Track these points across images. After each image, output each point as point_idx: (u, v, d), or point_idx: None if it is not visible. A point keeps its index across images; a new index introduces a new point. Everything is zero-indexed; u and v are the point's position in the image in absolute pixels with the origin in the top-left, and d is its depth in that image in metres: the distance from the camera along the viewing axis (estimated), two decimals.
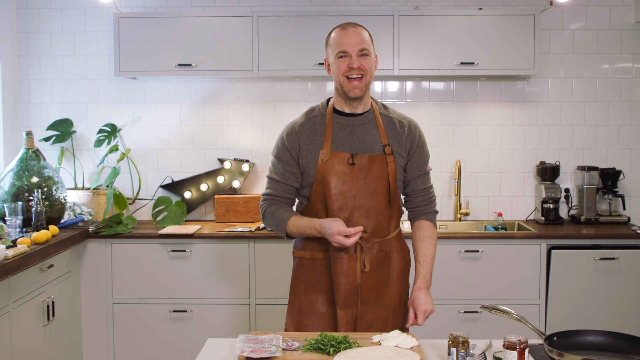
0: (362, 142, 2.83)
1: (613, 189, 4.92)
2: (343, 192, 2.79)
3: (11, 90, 5.04)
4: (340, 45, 2.77)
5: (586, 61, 5.05)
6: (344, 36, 2.76)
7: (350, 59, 2.75)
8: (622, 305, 4.48)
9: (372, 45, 2.83)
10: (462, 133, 5.10)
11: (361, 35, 2.77)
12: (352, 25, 2.80)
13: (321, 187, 2.81)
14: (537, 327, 4.48)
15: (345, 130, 2.85)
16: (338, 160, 2.79)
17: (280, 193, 2.92)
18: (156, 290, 4.58)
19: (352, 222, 2.79)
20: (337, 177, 2.79)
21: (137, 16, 4.74)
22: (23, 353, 3.77)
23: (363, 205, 2.81)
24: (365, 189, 2.80)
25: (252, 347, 2.22)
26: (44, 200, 4.32)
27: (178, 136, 5.16)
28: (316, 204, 2.86)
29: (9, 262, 3.48)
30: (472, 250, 4.50)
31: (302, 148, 2.85)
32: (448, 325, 4.50)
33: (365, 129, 2.85)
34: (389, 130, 2.88)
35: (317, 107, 2.96)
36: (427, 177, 2.99)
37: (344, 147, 2.82)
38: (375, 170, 2.80)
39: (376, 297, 2.86)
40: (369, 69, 2.79)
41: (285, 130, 2.92)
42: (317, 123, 2.88)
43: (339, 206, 2.80)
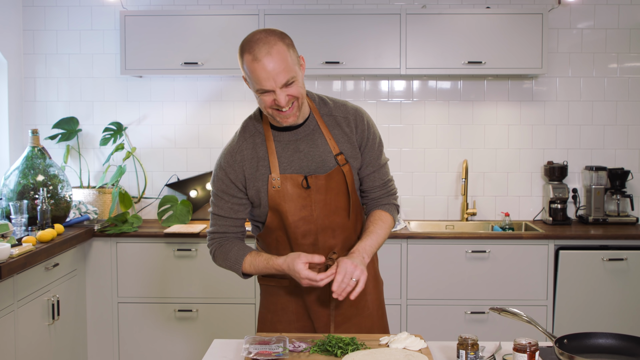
0: (312, 159, 2.50)
1: (621, 189, 4.89)
2: (304, 217, 2.50)
3: (17, 88, 5.03)
4: (259, 83, 2.31)
5: (594, 60, 5.02)
6: (260, 71, 2.29)
7: (275, 94, 2.33)
8: (630, 307, 4.45)
9: (294, 59, 2.35)
10: (469, 132, 5.07)
11: (279, 63, 2.29)
12: (265, 50, 2.28)
13: (277, 214, 2.52)
14: (545, 329, 4.45)
15: (289, 148, 2.50)
16: (291, 184, 2.48)
17: (230, 229, 2.60)
18: (161, 289, 4.56)
19: (318, 246, 2.54)
20: (293, 203, 2.49)
21: (143, 14, 4.72)
22: (28, 352, 3.76)
23: (327, 225, 2.54)
24: (326, 209, 2.52)
25: (259, 348, 2.20)
26: (49, 199, 4.30)
27: (184, 135, 5.14)
28: (275, 232, 2.57)
29: (14, 260, 3.46)
30: (480, 250, 4.47)
31: (248, 178, 2.52)
32: (455, 327, 4.48)
33: (311, 142, 2.51)
34: (337, 133, 2.54)
35: (249, 123, 2.57)
36: (383, 171, 2.64)
37: (293, 168, 2.49)
38: (333, 187, 2.52)
39: (356, 310, 2.64)
40: (298, 93, 2.36)
41: (225, 160, 2.54)
42: (256, 144, 2.52)
43: (302, 232, 2.52)
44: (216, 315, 4.55)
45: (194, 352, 4.54)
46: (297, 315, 2.65)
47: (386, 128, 5.04)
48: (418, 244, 4.48)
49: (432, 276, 4.50)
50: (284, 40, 2.34)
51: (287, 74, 2.31)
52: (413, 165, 5.09)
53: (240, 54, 2.35)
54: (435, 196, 5.10)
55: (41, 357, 3.93)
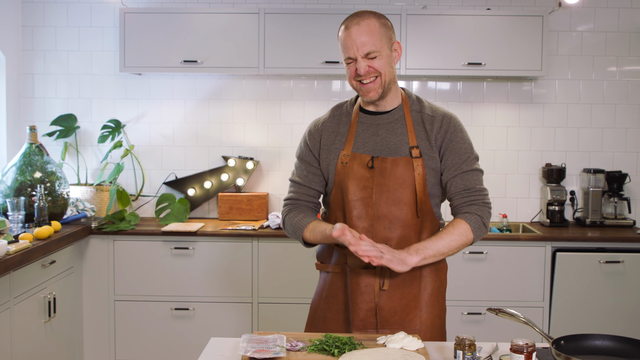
0: (386, 144, 2.53)
1: (619, 192, 4.89)
2: (362, 198, 2.50)
3: (15, 84, 5.02)
4: (344, 50, 2.46)
5: (594, 63, 5.02)
6: (346, 38, 2.43)
7: (357, 63, 2.44)
8: (626, 309, 4.46)
9: (384, 38, 2.44)
10: (469, 134, 5.05)
11: (366, 35, 2.41)
12: (356, 21, 2.43)
13: (340, 192, 2.55)
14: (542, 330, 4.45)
15: (369, 131, 2.56)
16: (358, 162, 2.51)
17: (302, 197, 2.66)
18: (158, 287, 4.56)
19: (372, 233, 2.50)
20: (356, 181, 2.51)
21: (143, 11, 4.72)
22: (24, 349, 3.75)
23: (385, 214, 2.50)
24: (387, 197, 2.49)
25: (256, 347, 2.19)
26: (46, 196, 4.29)
27: (182, 133, 5.13)
28: (335, 212, 2.59)
29: (10, 257, 3.46)
30: (477, 251, 4.47)
31: (323, 148, 2.60)
32: (452, 327, 4.46)
33: (391, 129, 2.54)
34: (419, 129, 2.54)
35: (345, 103, 2.67)
36: (467, 177, 2.53)
37: (366, 148, 2.54)
38: (398, 176, 2.49)
39: (401, 321, 2.54)
40: (381, 68, 2.44)
41: (308, 129, 2.67)
42: (341, 121, 2.61)
43: (358, 214, 2.51)
44: (213, 314, 4.55)
45: (190, 350, 4.54)
46: (345, 305, 2.60)
47: None
48: None
49: None
50: (380, 19, 2.47)
51: (371, 46, 2.42)
52: None
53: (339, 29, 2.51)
54: None
55: (37, 354, 3.92)
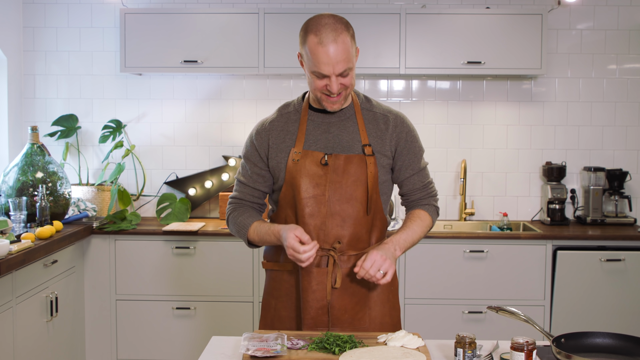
0: (339, 141, 2.53)
1: (619, 190, 4.90)
2: (315, 196, 2.50)
3: (17, 85, 5.03)
4: (318, 66, 2.37)
5: (594, 61, 5.03)
6: (322, 55, 2.35)
7: (329, 80, 2.40)
8: (627, 307, 4.46)
9: (353, 49, 2.43)
10: (468, 132, 5.08)
11: (342, 53, 2.36)
12: (332, 37, 2.35)
13: (291, 189, 2.53)
14: (542, 328, 4.46)
15: (320, 128, 2.55)
16: (310, 160, 2.51)
17: (247, 197, 2.66)
18: (159, 287, 4.57)
19: (324, 231, 2.51)
20: (308, 179, 2.50)
21: (143, 12, 4.73)
22: (26, 348, 3.76)
23: (337, 212, 2.51)
24: (340, 194, 2.50)
25: (257, 345, 2.20)
26: (48, 196, 4.30)
27: (183, 133, 5.14)
28: (285, 209, 2.58)
29: (13, 257, 3.46)
30: (477, 250, 4.48)
31: (272, 147, 2.57)
32: (453, 326, 4.48)
33: (343, 127, 2.55)
34: (371, 128, 2.56)
35: (292, 102, 2.66)
36: (423, 174, 2.66)
37: (318, 146, 2.53)
38: (352, 173, 2.50)
39: (351, 319, 2.55)
40: (349, 84, 2.44)
41: (255, 128, 2.64)
42: (289, 120, 2.59)
43: (310, 212, 2.50)
44: (214, 313, 4.56)
45: (191, 349, 4.55)
46: (298, 303, 2.59)
47: None
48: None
49: (430, 276, 4.50)
50: (349, 31, 2.41)
51: (346, 65, 2.38)
52: None
53: (304, 32, 2.41)
54: None
55: (39, 354, 3.93)
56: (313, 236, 2.52)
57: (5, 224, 3.81)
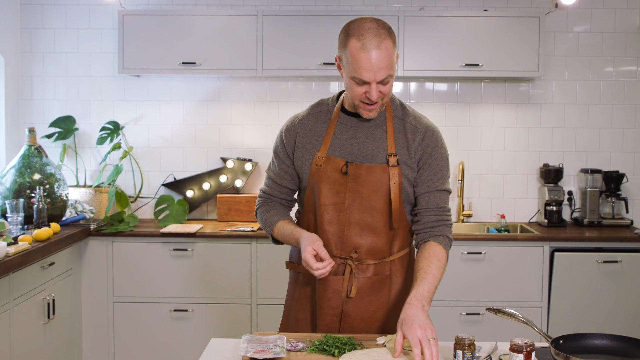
0: (363, 149, 2.46)
1: (616, 192, 4.91)
2: (335, 203, 2.46)
3: (14, 86, 5.02)
4: (359, 71, 2.28)
5: (590, 64, 5.04)
6: (364, 61, 2.25)
7: (369, 87, 2.31)
8: (624, 309, 4.47)
9: (395, 56, 2.33)
10: (466, 134, 5.09)
11: (385, 60, 2.26)
12: (376, 43, 2.25)
13: (312, 194, 2.50)
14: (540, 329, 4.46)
15: (347, 133, 2.49)
16: (332, 166, 2.45)
17: (274, 192, 2.64)
18: (157, 289, 4.56)
19: (343, 239, 2.47)
20: (329, 185, 2.45)
21: (142, 14, 4.72)
22: (23, 350, 3.76)
23: (357, 221, 2.46)
24: (360, 203, 2.45)
25: (257, 347, 2.20)
26: (45, 198, 4.30)
27: (181, 135, 5.14)
28: (308, 213, 2.55)
29: (10, 259, 3.46)
30: (475, 252, 4.49)
31: (298, 147, 2.53)
32: (451, 328, 4.49)
33: (370, 134, 2.47)
34: (399, 137, 2.46)
35: (326, 101, 2.59)
36: (440, 196, 2.49)
37: (342, 151, 2.47)
38: (372, 183, 2.43)
39: (367, 328, 2.52)
40: (388, 92, 2.36)
41: (285, 124, 2.60)
42: (319, 120, 2.53)
43: (329, 219, 2.47)
44: (212, 316, 4.55)
45: (189, 352, 4.54)
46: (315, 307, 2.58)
47: None
48: None
49: None
50: (392, 37, 2.31)
51: (388, 71, 2.29)
52: None
53: (345, 36, 2.32)
54: None
55: (36, 356, 3.92)
56: (331, 243, 2.49)
57: (2, 226, 3.80)
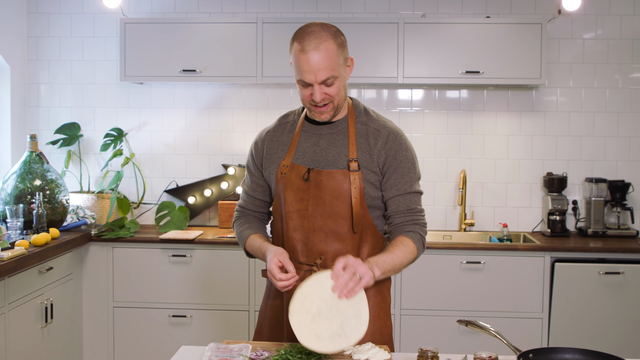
0: (324, 155, 2.49)
1: (622, 202, 4.83)
2: (299, 210, 2.48)
3: (20, 94, 5.10)
4: (300, 73, 2.36)
5: (596, 71, 4.97)
6: (303, 63, 2.34)
7: (312, 89, 2.38)
8: (626, 320, 4.40)
9: (340, 59, 2.38)
10: (469, 142, 5.05)
11: (324, 61, 2.33)
12: (314, 44, 2.33)
13: (279, 202, 2.54)
14: (540, 341, 4.42)
15: (310, 141, 2.53)
16: (295, 174, 2.49)
17: (249, 206, 2.69)
18: (156, 294, 4.60)
19: (308, 246, 2.49)
20: (293, 192, 2.48)
21: (143, 22, 4.77)
22: (19, 354, 3.81)
23: (320, 227, 2.47)
24: (322, 209, 2.46)
25: (220, 356, 2.21)
26: (45, 203, 4.35)
27: (183, 141, 5.18)
28: (277, 221, 2.59)
29: (4, 264, 3.52)
30: (474, 261, 4.45)
31: (265, 158, 2.58)
32: (448, 337, 4.46)
33: (332, 140, 2.50)
34: (362, 142, 2.49)
35: (293, 112, 2.65)
36: (410, 198, 2.50)
37: (305, 159, 2.50)
38: (334, 188, 2.45)
39: None
40: (335, 95, 2.40)
41: (255, 138, 2.67)
42: (285, 130, 2.59)
43: (294, 226, 2.49)
44: (210, 321, 4.57)
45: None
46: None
47: None
48: None
49: (427, 287, 4.48)
50: (336, 39, 2.38)
51: (329, 72, 2.35)
52: None
53: (292, 40, 2.41)
54: (433, 206, 5.07)
55: (34, 358, 3.97)
56: (297, 250, 2.51)
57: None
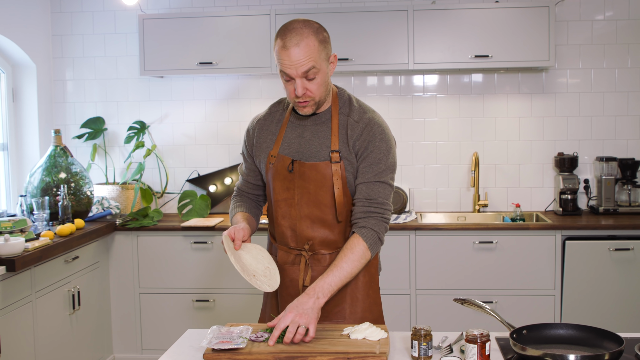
0: (308, 147, 2.57)
1: (632, 180, 4.89)
2: (286, 199, 2.60)
3: (47, 90, 5.30)
4: (282, 66, 2.44)
5: (605, 52, 5.01)
6: (284, 57, 2.41)
7: (295, 83, 2.45)
8: (636, 295, 4.47)
9: (322, 54, 2.45)
10: (481, 125, 5.13)
11: (305, 55, 2.39)
12: (295, 41, 2.39)
13: (269, 190, 2.66)
14: (553, 317, 4.51)
15: (295, 132, 2.61)
16: (281, 164, 2.59)
17: (243, 188, 2.81)
18: (180, 280, 4.78)
19: (296, 232, 2.60)
20: (280, 182, 2.60)
21: (161, 17, 4.92)
22: (48, 340, 4.02)
23: (307, 215, 2.58)
24: (308, 198, 2.57)
25: (220, 338, 2.33)
26: (70, 195, 4.54)
27: (204, 132, 5.34)
28: (270, 207, 2.71)
29: (29, 254, 3.70)
30: (487, 241, 4.55)
31: (256, 146, 2.68)
32: (459, 316, 4.56)
33: (316, 132, 2.58)
34: (342, 133, 2.56)
35: (283, 100, 2.73)
36: (373, 187, 2.53)
37: (290, 150, 2.59)
38: (317, 179, 2.54)
39: (327, 314, 2.59)
40: (315, 92, 2.47)
41: (250, 123, 2.75)
42: (274, 120, 2.68)
43: (282, 213, 2.62)
44: (232, 305, 4.74)
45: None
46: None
47: (398, 122, 5.14)
48: (426, 235, 4.58)
49: (441, 267, 4.60)
50: (318, 36, 2.44)
51: (309, 64, 2.41)
52: (425, 158, 5.19)
53: (275, 37, 2.47)
54: (447, 188, 5.18)
55: (63, 344, 4.19)
56: (287, 236, 2.63)
57: (24, 223, 4.04)
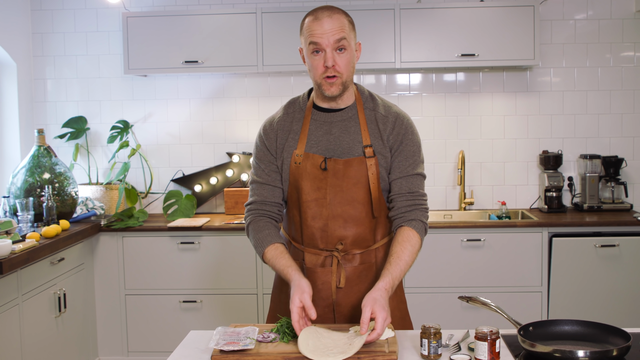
0: (339, 143, 2.52)
1: (616, 177, 4.95)
2: (317, 199, 2.51)
3: (27, 89, 5.20)
4: (313, 36, 2.40)
5: (588, 51, 5.07)
6: (316, 27, 2.39)
7: (325, 55, 2.41)
8: (622, 292, 4.53)
9: (351, 34, 2.46)
10: (466, 123, 5.16)
11: (337, 23, 2.40)
12: (328, 12, 2.41)
13: (295, 191, 2.55)
14: (540, 314, 4.54)
15: (322, 129, 2.54)
16: (311, 163, 2.51)
17: (268, 198, 2.60)
18: (167, 281, 4.72)
19: (327, 232, 2.52)
20: (310, 182, 2.51)
21: (145, 15, 4.86)
22: (34, 343, 3.94)
23: (339, 214, 2.51)
24: (341, 197, 2.51)
25: (227, 339, 2.29)
26: (55, 196, 4.47)
27: (188, 131, 5.29)
28: (293, 209, 2.60)
29: (16, 256, 3.62)
30: (474, 239, 4.57)
31: (278, 147, 2.58)
32: (450, 314, 4.58)
33: (344, 127, 2.53)
34: (372, 128, 2.53)
35: (298, 99, 2.65)
36: (413, 180, 2.55)
37: (319, 148, 2.52)
38: (352, 176, 2.49)
39: (359, 315, 2.44)
40: (344, 68, 2.44)
41: (263, 127, 2.65)
42: (294, 119, 2.59)
43: (313, 214, 2.52)
44: (220, 306, 4.70)
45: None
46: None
47: None
48: None
49: (429, 265, 4.60)
50: (348, 17, 2.47)
51: (342, 33, 2.40)
52: None
53: (303, 21, 2.48)
54: (434, 186, 5.19)
55: (49, 347, 4.11)
56: (317, 237, 2.54)
57: (10, 224, 3.96)
